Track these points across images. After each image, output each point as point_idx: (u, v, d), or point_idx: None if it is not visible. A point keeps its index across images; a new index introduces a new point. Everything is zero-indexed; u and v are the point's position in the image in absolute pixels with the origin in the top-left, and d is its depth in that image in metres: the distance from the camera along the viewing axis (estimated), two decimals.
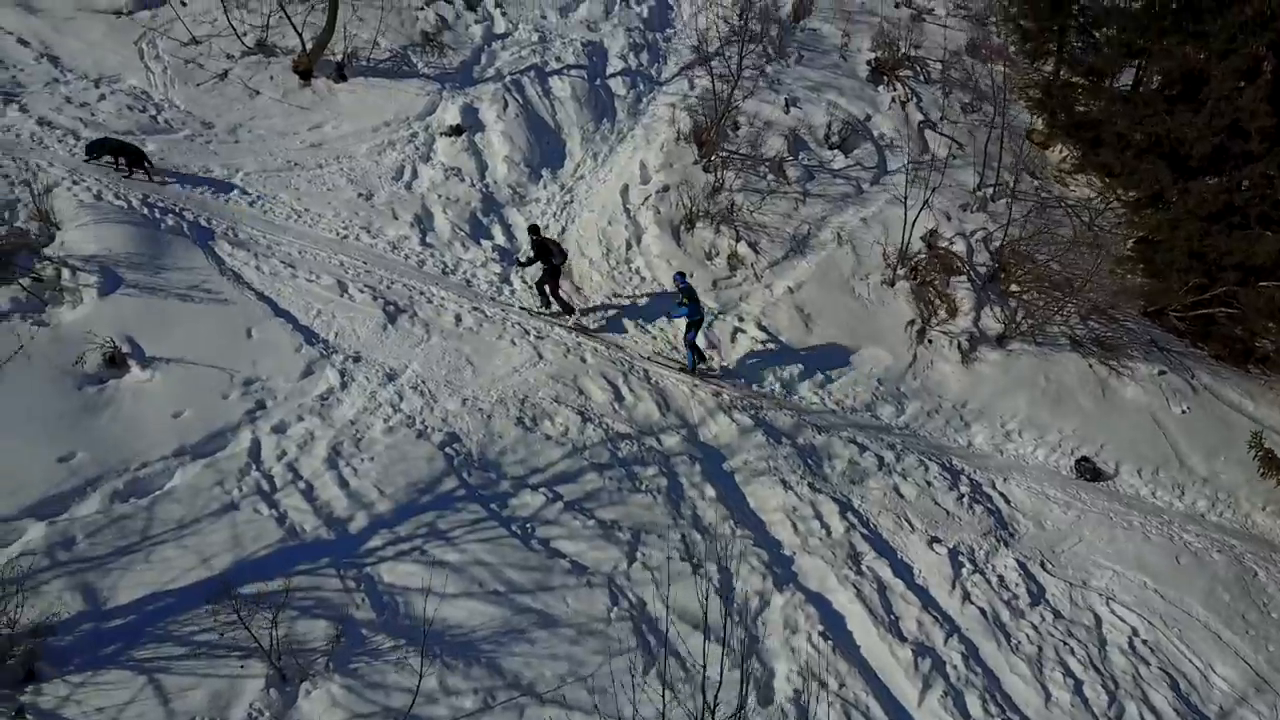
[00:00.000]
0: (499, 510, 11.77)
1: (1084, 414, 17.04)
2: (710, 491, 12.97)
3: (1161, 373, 18.25)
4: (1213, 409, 18.18)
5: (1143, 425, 17.26)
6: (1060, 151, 24.09)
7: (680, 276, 14.86)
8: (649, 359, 14.81)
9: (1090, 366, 17.93)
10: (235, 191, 15.31)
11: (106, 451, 11.04)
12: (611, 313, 15.69)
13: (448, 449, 12.25)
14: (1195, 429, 17.51)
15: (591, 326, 15.17)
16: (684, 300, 14.54)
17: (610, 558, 11.62)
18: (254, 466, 11.41)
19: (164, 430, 11.46)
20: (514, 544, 11.36)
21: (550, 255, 14.68)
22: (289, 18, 17.33)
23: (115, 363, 12.01)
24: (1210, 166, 19.48)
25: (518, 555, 11.24)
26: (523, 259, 15.09)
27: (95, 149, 14.23)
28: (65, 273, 12.61)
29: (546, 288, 14.89)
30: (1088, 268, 19.78)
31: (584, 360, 14.25)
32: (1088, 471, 16.15)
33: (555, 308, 15.08)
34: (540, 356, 14.02)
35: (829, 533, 13.08)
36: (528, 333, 14.47)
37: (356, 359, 13.11)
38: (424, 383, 13.07)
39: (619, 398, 13.82)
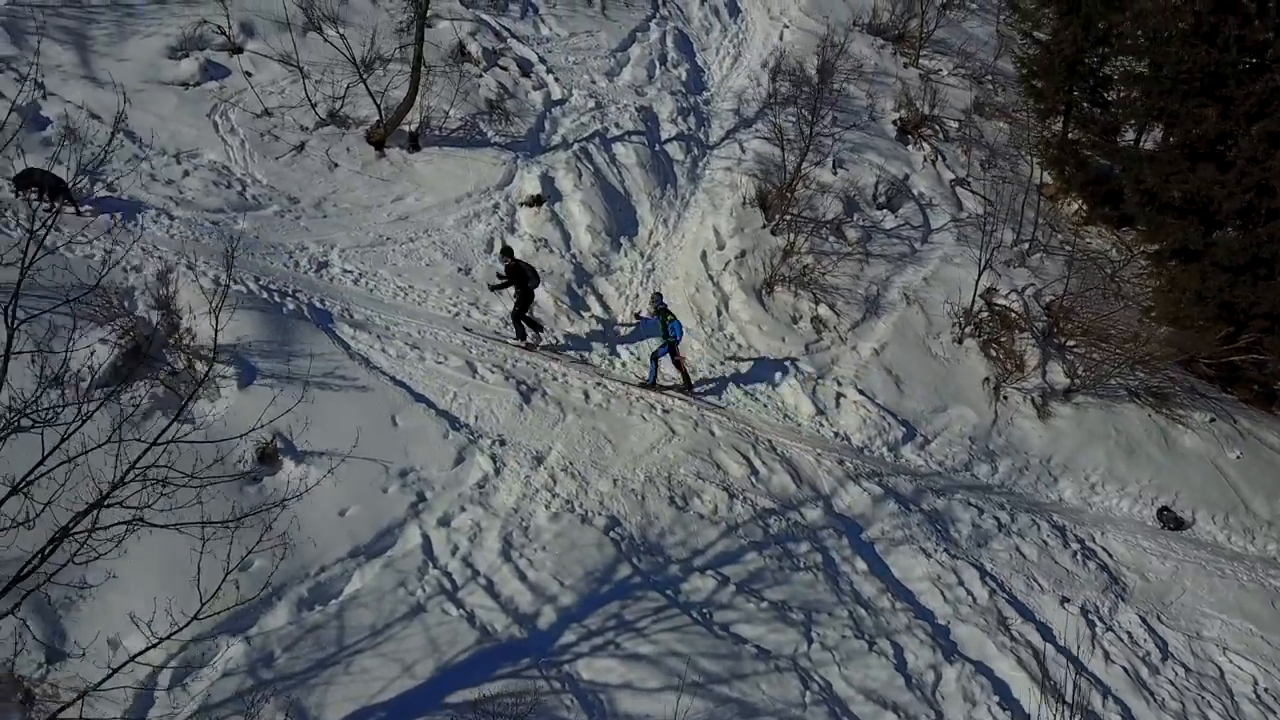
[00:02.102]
0: (675, 596, 11.61)
1: (1155, 464, 17.69)
2: (861, 565, 13.04)
3: (1212, 420, 19.09)
4: (1259, 453, 19.08)
5: (1207, 472, 17.99)
6: (1070, 205, 25.15)
7: (659, 297, 15.14)
8: (643, 386, 14.86)
9: (1150, 416, 18.65)
10: (335, 268, 14.92)
11: (281, 554, 10.52)
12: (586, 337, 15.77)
13: (612, 533, 12.06)
14: (1251, 473, 18.33)
15: (560, 352, 15.10)
16: (671, 318, 14.71)
17: (790, 640, 11.56)
18: (430, 564, 11.04)
19: (333, 530, 11.01)
20: (700, 631, 11.21)
21: (526, 279, 14.55)
22: (369, 89, 17.03)
23: (267, 458, 11.52)
24: (1235, 220, 20.60)
25: (706, 643, 11.09)
26: (495, 281, 14.96)
27: (22, 180, 13.42)
28: (199, 364, 12.04)
29: (517, 310, 14.70)
30: (1123, 319, 20.72)
31: (713, 433, 14.23)
32: (1170, 521, 16.74)
33: (530, 339, 14.86)
34: (672, 431, 13.94)
35: (975, 599, 13.25)
36: (653, 407, 14.39)
37: (502, 443, 12.83)
38: (572, 464, 12.86)
39: (754, 471, 13.81)
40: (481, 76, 19.56)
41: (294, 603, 10.21)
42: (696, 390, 15.19)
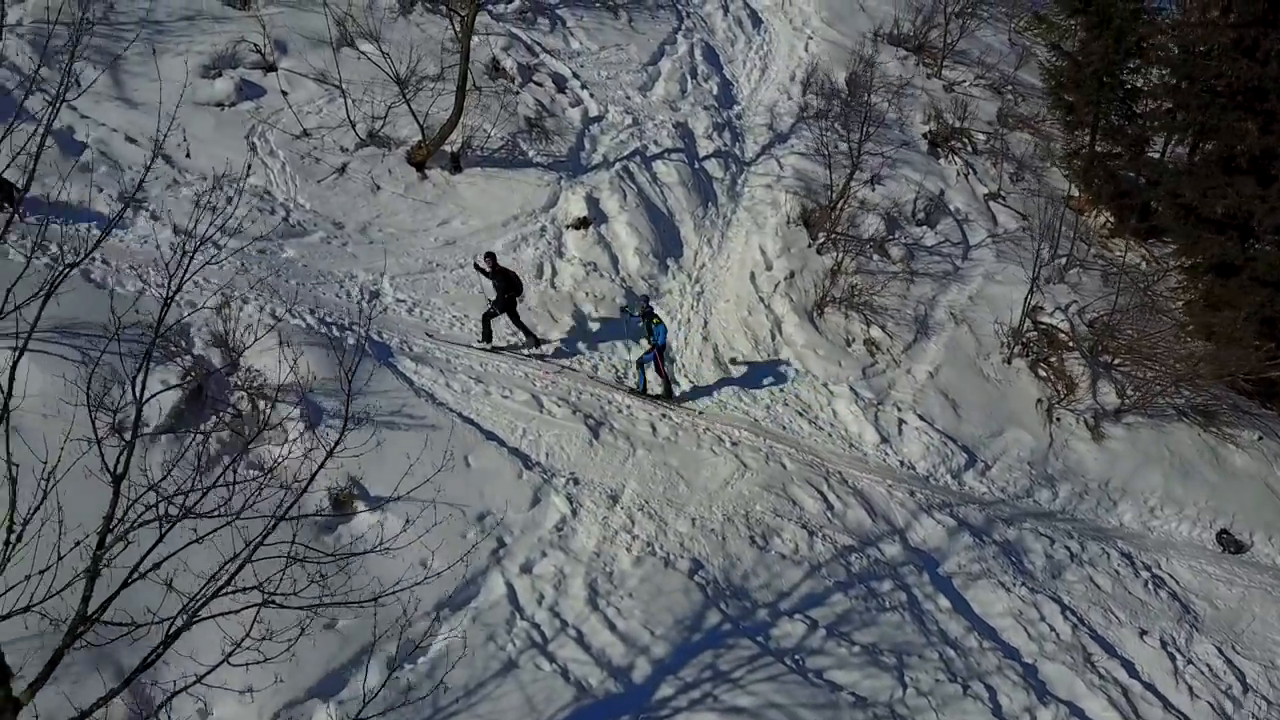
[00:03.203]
0: (765, 642, 11.21)
1: (1210, 485, 17.48)
2: (944, 602, 12.71)
3: (1260, 438, 18.92)
4: None
5: (1259, 492, 17.82)
6: (1098, 217, 24.93)
7: (645, 299, 14.67)
8: (631, 393, 14.37)
9: (1199, 435, 18.46)
10: (388, 298, 14.43)
11: (368, 612, 10.00)
12: (560, 343, 15.13)
13: (697, 577, 11.64)
14: None
15: (548, 354, 14.58)
16: (656, 321, 14.11)
17: (884, 686, 11.19)
18: (518, 615, 10.59)
19: (415, 580, 10.47)
20: (796, 680, 10.82)
21: (508, 285, 14.01)
22: (412, 110, 16.49)
23: (340, 504, 11.01)
24: (1275, 235, 20.46)
25: (804, 693, 10.69)
26: (495, 303, 14.13)
27: None
28: (262, 404, 11.51)
29: (505, 316, 14.15)
30: (1165, 336, 20.51)
31: (784, 466, 13.84)
32: (1230, 544, 16.54)
33: (496, 343, 14.29)
34: (744, 465, 13.54)
35: (1058, 635, 12.94)
36: (721, 439, 13.98)
37: (576, 481, 12.38)
38: (647, 503, 12.44)
39: (829, 506, 13.44)
40: (518, 93, 19.06)
41: (384, 662, 9.69)
42: (681, 402, 14.59)
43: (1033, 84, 28.38)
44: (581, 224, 16.95)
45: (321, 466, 7.05)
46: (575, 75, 20.54)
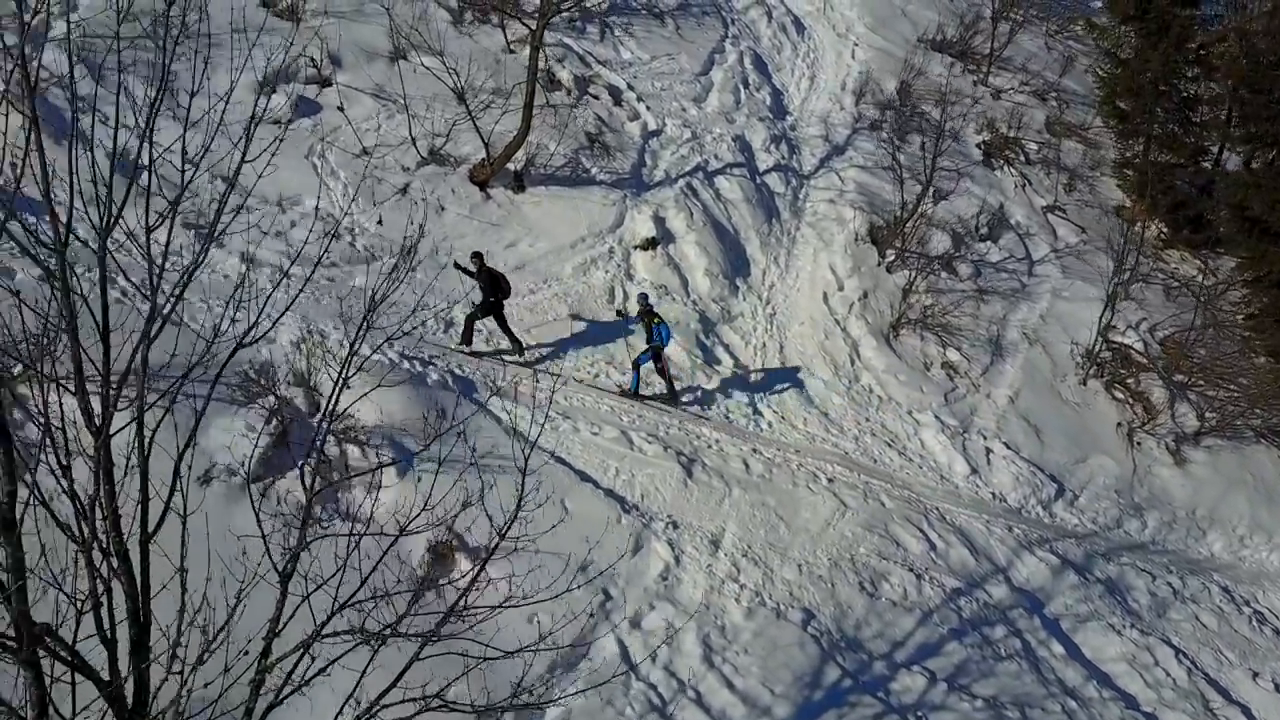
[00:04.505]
0: (886, 698, 10.63)
1: None
2: (1058, 648, 12.16)
3: None
4: None
5: None
6: (1150, 228, 24.34)
7: (644, 297, 13.96)
8: (624, 394, 13.74)
9: (1279, 458, 17.95)
10: (462, 328, 13.80)
11: (477, 676, 9.39)
12: (551, 347, 14.47)
13: (810, 629, 11.06)
14: None
15: (532, 359, 13.91)
16: (657, 320, 13.50)
17: None
18: (633, 676, 9.99)
19: (525, 639, 9.84)
20: None
21: (497, 287, 13.43)
22: (477, 127, 15.85)
23: (441, 557, 10.41)
24: None
25: None
26: (465, 266, 13.67)
27: None
28: (352, 450, 10.90)
29: (491, 320, 13.66)
30: (1235, 356, 19.99)
31: (883, 504, 13.26)
32: None
33: (476, 347, 13.77)
34: (844, 504, 12.97)
35: (1175, 681, 12.39)
36: (816, 476, 13.40)
37: (675, 525, 11.79)
38: (750, 548, 11.84)
39: (931, 546, 12.88)
40: (575, 107, 18.42)
41: None
42: (683, 402, 14.02)
43: (1074, 90, 27.84)
44: (649, 244, 16.34)
45: (489, 556, 6.45)
46: (630, 87, 19.90)
